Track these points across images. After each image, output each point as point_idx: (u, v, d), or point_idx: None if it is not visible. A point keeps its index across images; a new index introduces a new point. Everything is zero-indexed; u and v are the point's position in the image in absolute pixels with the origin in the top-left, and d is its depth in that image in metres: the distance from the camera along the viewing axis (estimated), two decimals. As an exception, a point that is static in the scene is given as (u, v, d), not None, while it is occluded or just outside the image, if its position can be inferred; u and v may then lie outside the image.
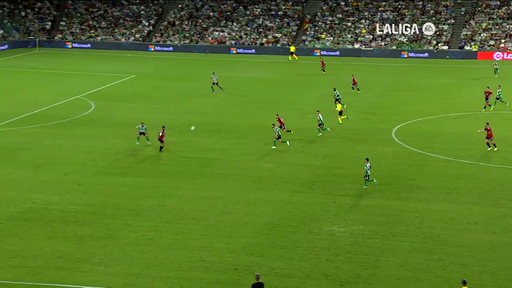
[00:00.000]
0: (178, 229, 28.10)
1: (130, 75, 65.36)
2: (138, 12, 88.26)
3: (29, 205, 30.22)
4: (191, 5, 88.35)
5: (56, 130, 43.66)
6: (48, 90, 57.08)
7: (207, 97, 54.78)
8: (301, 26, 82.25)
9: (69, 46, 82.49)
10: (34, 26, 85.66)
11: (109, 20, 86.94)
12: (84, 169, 35.75)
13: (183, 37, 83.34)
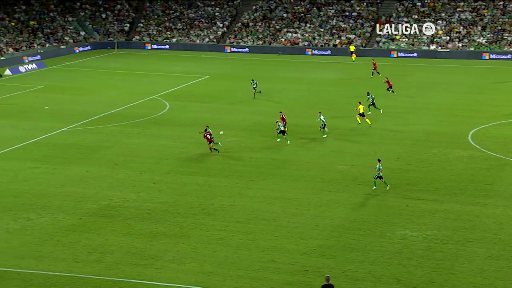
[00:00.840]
0: (249, 229, 28.24)
1: (204, 75, 66.25)
2: (213, 14, 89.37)
3: (106, 202, 31.11)
4: (265, 7, 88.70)
5: (133, 129, 44.74)
6: (125, 90, 58.57)
7: (279, 98, 54.83)
8: (375, 27, 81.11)
9: (148, 48, 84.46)
10: (113, 28, 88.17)
11: (185, 22, 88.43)
12: (159, 168, 36.47)
13: (256, 38, 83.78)
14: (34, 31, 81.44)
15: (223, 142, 40.78)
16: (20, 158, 37.72)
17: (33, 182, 33.58)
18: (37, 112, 49.16)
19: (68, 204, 30.58)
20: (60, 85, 60.53)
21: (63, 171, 35.44)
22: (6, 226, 27.89)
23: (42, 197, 31.49)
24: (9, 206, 30.21)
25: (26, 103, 52.57)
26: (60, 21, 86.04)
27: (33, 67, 69.61)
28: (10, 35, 77.86)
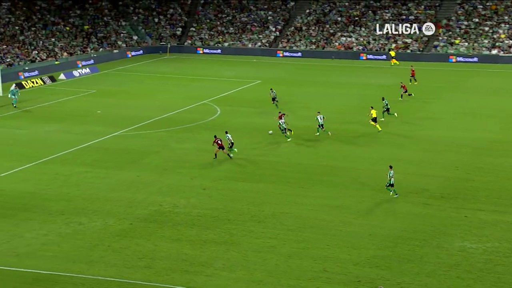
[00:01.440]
0: (300, 237, 28.09)
1: (256, 80, 66.46)
2: (266, 18, 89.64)
3: (156, 208, 31.48)
4: (318, 10, 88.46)
5: (183, 134, 45.21)
6: (177, 95, 59.26)
7: (330, 103, 54.51)
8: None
9: (200, 52, 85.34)
10: (165, 32, 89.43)
11: (237, 26, 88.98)
12: (209, 174, 36.70)
13: (309, 43, 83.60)
14: (88, 35, 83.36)
15: (275, 148, 40.70)
16: (72, 162, 38.58)
17: (84, 187, 34.28)
18: (89, 116, 50.22)
19: (118, 209, 31.08)
20: (112, 90, 61.71)
21: (114, 176, 36.06)
22: (59, 230, 28.53)
23: (93, 201, 32.10)
24: (61, 210, 30.91)
25: (79, 107, 53.78)
26: (113, 26, 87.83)
27: (87, 71, 71.24)
28: (65, 40, 79.88)
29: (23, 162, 38.22)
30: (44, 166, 37.70)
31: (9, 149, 41.14)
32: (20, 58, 70.82)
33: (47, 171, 36.65)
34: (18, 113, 51.32)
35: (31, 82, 63.53)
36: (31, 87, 62.60)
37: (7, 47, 71.90)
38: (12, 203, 31.60)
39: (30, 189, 33.71)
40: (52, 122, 48.32)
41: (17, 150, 40.86)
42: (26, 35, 76.62)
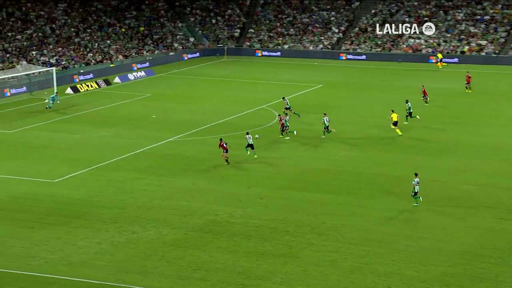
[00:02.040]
0: (363, 251, 27.77)
1: (317, 84, 66.24)
2: (328, 19, 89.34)
3: (212, 217, 31.68)
4: (385, 10, 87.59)
5: (241, 141, 45.35)
6: (234, 99, 59.64)
7: (399, 109, 53.80)
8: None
9: (258, 54, 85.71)
10: (223, 34, 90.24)
11: (298, 27, 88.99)
12: (267, 182, 36.71)
13: (374, 45, 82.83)
14: (143, 37, 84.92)
15: (337, 157, 40.48)
16: (126, 168, 39.26)
17: (138, 194, 34.81)
18: (144, 121, 51.05)
19: (173, 218, 31.43)
20: (167, 93, 62.60)
21: (169, 183, 36.51)
22: (112, 239, 29.04)
23: (147, 209, 32.56)
24: (115, 218, 31.46)
25: (134, 111, 54.74)
26: (169, 27, 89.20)
27: (142, 74, 72.52)
28: (120, 42, 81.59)
29: (76, 167, 39.14)
30: (97, 172, 38.50)
31: (62, 154, 42.21)
32: (75, 60, 72.71)
33: (100, 177, 37.41)
34: (72, 117, 52.62)
35: (85, 85, 65.09)
36: (86, 90, 64.11)
37: (63, 50, 73.94)
38: (64, 210, 32.37)
39: (83, 195, 34.47)
40: (106, 126, 49.34)
41: (70, 155, 41.88)
42: (81, 37, 78.63)
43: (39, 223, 30.61)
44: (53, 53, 72.27)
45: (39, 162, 40.37)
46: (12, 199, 33.71)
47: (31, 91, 61.85)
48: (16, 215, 31.56)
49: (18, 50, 69.77)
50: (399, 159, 40.38)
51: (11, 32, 72.52)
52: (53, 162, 40.40)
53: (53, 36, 76.14)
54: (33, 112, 54.29)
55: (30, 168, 39.03)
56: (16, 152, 42.43)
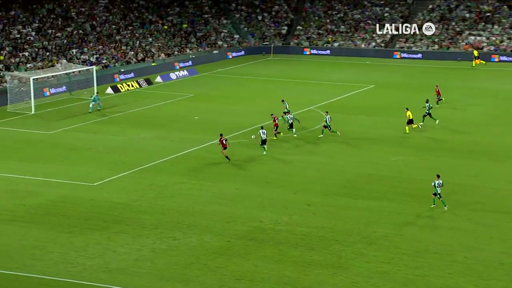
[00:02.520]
0: (417, 263, 27.53)
1: (369, 85, 65.84)
2: (382, 15, 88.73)
3: (256, 224, 31.82)
4: (443, 6, 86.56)
5: (286, 144, 45.39)
6: (280, 100, 59.69)
7: (455, 111, 53.09)
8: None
9: (307, 53, 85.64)
10: (269, 31, 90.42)
11: (349, 24, 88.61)
12: (315, 188, 36.69)
13: (431, 43, 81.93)
14: (186, 35, 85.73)
15: (389, 162, 40.22)
16: (167, 172, 39.72)
17: (180, 199, 35.19)
18: (186, 122, 51.55)
19: (215, 225, 31.68)
20: (210, 94, 63.06)
21: (211, 188, 36.80)
22: (152, 245, 29.43)
23: (189, 215, 32.89)
24: (156, 223, 31.88)
25: (176, 112, 55.32)
26: (213, 24, 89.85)
27: (184, 74, 73.21)
28: (163, 40, 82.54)
29: (116, 170, 39.77)
30: (138, 175, 39.05)
31: (102, 157, 42.93)
32: (116, 59, 73.83)
33: (141, 181, 37.94)
34: (112, 118, 53.46)
35: (126, 85, 66.03)
36: (126, 90, 65.03)
37: (103, 48, 75.16)
38: (104, 215, 32.93)
39: (124, 200, 35.01)
40: (147, 128, 49.99)
41: (110, 158, 42.56)
42: (122, 34, 79.80)
43: (78, 228, 31.23)
44: (94, 51, 73.53)
45: (78, 164, 41.15)
46: (51, 203, 34.45)
47: (71, 91, 63.03)
48: (55, 220, 32.25)
49: (58, 48, 71.19)
50: (457, 165, 39.85)
51: (51, 30, 74.05)
52: (92, 164, 41.14)
53: (94, 33, 77.48)
54: (72, 112, 55.35)
55: (69, 171, 39.82)
56: (54, 154, 43.34)
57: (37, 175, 38.79)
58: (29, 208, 33.73)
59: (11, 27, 71.11)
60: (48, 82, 63.20)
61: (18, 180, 38.02)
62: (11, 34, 69.79)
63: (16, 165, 40.84)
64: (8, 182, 37.66)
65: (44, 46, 70.56)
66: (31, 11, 75.56)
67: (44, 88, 61.53)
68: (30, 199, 34.95)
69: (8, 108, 56.14)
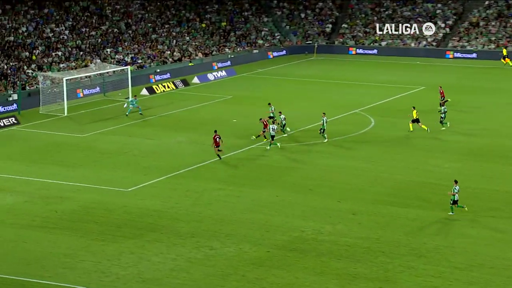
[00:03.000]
0: (471, 278, 27.21)
1: (419, 86, 65.31)
2: (433, 12, 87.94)
3: (297, 234, 31.78)
4: (501, 2, 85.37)
5: (331, 149, 45.32)
6: (323, 103, 59.56)
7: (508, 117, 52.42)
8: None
9: (352, 52, 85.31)
10: (313, 30, 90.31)
11: (398, 21, 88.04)
12: (360, 196, 36.52)
13: (488, 41, 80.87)
14: (225, 33, 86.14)
15: (441, 168, 39.84)
16: (204, 177, 39.92)
17: (217, 206, 35.35)
18: (225, 125, 51.67)
19: (254, 234, 31.74)
20: (249, 95, 63.24)
21: (250, 195, 36.89)
22: (188, 255, 29.61)
23: (227, 223, 33.02)
24: (192, 232, 32.06)
25: (213, 115, 55.57)
26: (254, 22, 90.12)
27: (223, 74, 73.56)
28: (200, 38, 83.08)
29: (151, 175, 40.12)
30: (174, 180, 39.33)
31: (136, 161, 43.35)
32: (151, 59, 74.54)
33: (177, 187, 38.21)
34: (147, 120, 53.96)
35: (162, 86, 66.60)
36: (162, 91, 65.58)
37: (139, 47, 75.95)
38: (138, 222, 33.24)
39: (158, 206, 35.30)
40: (183, 131, 50.33)
41: (145, 162, 42.96)
42: (158, 33, 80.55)
43: (111, 235, 31.58)
44: (129, 50, 74.34)
45: (112, 169, 41.63)
46: (83, 209, 34.91)
47: (105, 92, 63.81)
48: (87, 227, 32.67)
49: (92, 48, 72.15)
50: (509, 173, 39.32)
51: (85, 28, 75.10)
52: (126, 169, 41.58)
53: (129, 32, 78.35)
54: (106, 114, 56.03)
55: (102, 175, 40.31)
56: (87, 158, 43.91)
57: (69, 180, 39.35)
58: (61, 214, 34.23)
59: (44, 25, 72.34)
60: (81, 83, 64.08)
61: (50, 185, 38.63)
62: (44, 32, 70.97)
63: (48, 169, 41.50)
64: (39, 187, 38.28)
65: (77, 45, 71.58)
66: (65, 9, 76.76)
67: (77, 89, 62.40)
68: (62, 205, 35.47)
69: (40, 109, 57.10)
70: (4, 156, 44.48)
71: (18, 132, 50.95)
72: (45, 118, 55.16)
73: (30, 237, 31.50)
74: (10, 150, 45.96)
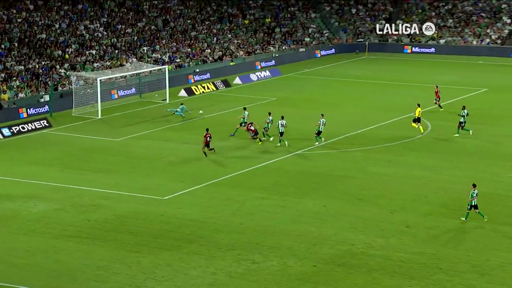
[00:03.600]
0: (537, 298, 26.84)
1: (481, 88, 64.58)
2: (498, 6, 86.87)
3: (346, 247, 31.64)
4: None
5: (382, 155, 45.07)
6: (375, 105, 59.27)
7: None
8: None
9: (407, 51, 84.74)
10: (364, 26, 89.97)
11: (458, 17, 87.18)
12: (415, 207, 36.25)
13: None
14: (270, 30, 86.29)
15: (505, 178, 39.31)
16: (246, 185, 40.01)
17: (260, 216, 35.39)
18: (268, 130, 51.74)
19: (300, 246, 31.70)
20: (294, 97, 63.24)
21: (295, 204, 36.86)
22: (228, 269, 29.69)
23: (270, 235, 33.03)
24: (232, 244, 32.13)
25: (255, 118, 55.58)
26: (300, 18, 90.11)
27: (267, 74, 73.69)
28: (243, 36, 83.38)
29: (189, 183, 40.35)
30: (213, 188, 39.51)
31: (173, 167, 43.64)
32: (190, 58, 75.03)
33: (216, 195, 38.37)
34: (184, 124, 54.29)
35: (201, 87, 66.99)
36: (202, 93, 65.95)
37: (177, 45, 76.54)
38: (175, 233, 33.45)
39: (197, 216, 35.48)
40: (224, 136, 50.45)
41: (183, 169, 43.23)
42: (198, 30, 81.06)
43: (146, 247, 31.84)
44: (166, 49, 74.97)
45: (147, 175, 41.99)
46: (118, 218, 35.27)
47: (141, 93, 64.39)
48: (122, 237, 32.98)
49: (127, 46, 72.93)
50: None
51: (121, 25, 75.97)
52: (163, 176, 41.89)
53: (167, 29, 79.00)
54: (142, 117, 56.53)
55: (137, 182, 40.68)
56: (121, 164, 44.37)
57: (103, 187, 39.79)
58: (94, 224, 34.63)
59: (78, 22, 73.37)
60: (116, 84, 64.75)
61: (83, 192, 39.12)
62: (77, 30, 71.97)
63: (81, 175, 42.03)
64: (72, 194, 38.79)
65: (112, 43, 72.42)
66: (100, 4, 77.77)
67: (112, 90, 63.09)
68: (95, 213, 35.89)
69: (73, 112, 57.87)
70: (35, 161, 45.21)
71: (50, 136, 51.74)
72: (78, 120, 55.89)
73: (61, 247, 31.91)
74: (41, 155, 46.68)
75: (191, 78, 70.59)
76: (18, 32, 67.56)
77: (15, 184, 40.65)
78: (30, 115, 56.58)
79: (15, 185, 40.45)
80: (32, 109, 57.29)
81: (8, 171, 42.90)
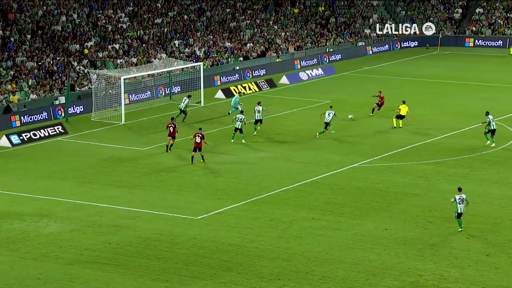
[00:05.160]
0: None
1: None
2: None
3: (413, 279, 31.37)
4: None
5: (458, 170, 44.69)
6: (447, 110, 58.86)
7: None
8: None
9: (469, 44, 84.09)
10: (437, 16, 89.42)
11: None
12: (495, 231, 35.97)
13: None
14: (323, 21, 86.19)
15: None
16: (293, 204, 39.94)
17: (309, 240, 35.27)
18: (320, 138, 51.64)
19: (357, 277, 31.53)
20: (351, 100, 63.07)
21: (352, 227, 36.69)
22: (271, 302, 29.69)
23: (322, 263, 32.89)
24: (276, 272, 32.05)
25: (305, 124, 55.51)
26: (359, 7, 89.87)
27: (319, 73, 73.63)
28: (291, 27, 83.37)
29: (226, 200, 40.42)
30: (254, 207, 39.50)
31: (207, 182, 43.74)
32: (229, 53, 75.22)
33: (258, 216, 38.35)
34: (221, 130, 54.30)
35: (241, 87, 67.05)
36: (242, 94, 65.99)
37: (214, 37, 76.79)
38: (210, 259, 33.47)
39: (235, 239, 35.48)
40: (267, 144, 50.50)
41: (219, 184, 43.31)
42: (238, 20, 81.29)
43: (176, 275, 31.90)
44: (201, 42, 75.24)
45: (178, 191, 42.15)
46: (143, 241, 35.41)
47: (171, 95, 64.67)
48: (147, 263, 33.08)
49: (156, 39, 73.40)
50: None
51: (148, 15, 76.52)
52: (195, 192, 42.02)
53: (202, 19, 79.34)
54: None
55: (165, 199, 40.84)
56: (148, 177, 44.56)
57: (126, 205, 40.01)
58: (115, 247, 34.79)
59: (98, 12, 74.03)
60: (143, 83, 65.11)
61: (102, 210, 39.36)
62: (98, 21, 72.62)
63: (101, 190, 42.32)
64: (89, 212, 39.04)
65: (139, 36, 72.98)
66: (124, -9, 78.44)
67: (137, 91, 63.37)
68: (117, 236, 36.06)
69: (92, 116, 58.30)
70: (48, 173, 45.63)
71: (65, 144, 52.21)
72: (98, 126, 56.30)
73: (77, 275, 32.09)
74: (55, 166, 47.09)
75: (227, 77, 70.44)
76: (30, 23, 68.41)
77: (25, 200, 41.06)
78: (43, 119, 57.10)
79: (25, 201, 40.86)
80: (45, 112, 57.83)
81: (16, 185, 43.37)
